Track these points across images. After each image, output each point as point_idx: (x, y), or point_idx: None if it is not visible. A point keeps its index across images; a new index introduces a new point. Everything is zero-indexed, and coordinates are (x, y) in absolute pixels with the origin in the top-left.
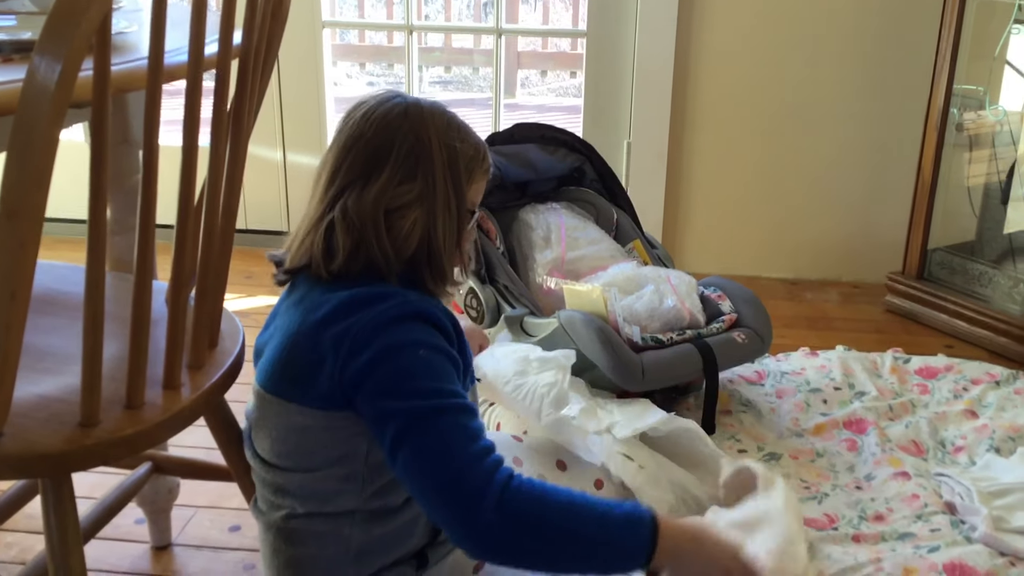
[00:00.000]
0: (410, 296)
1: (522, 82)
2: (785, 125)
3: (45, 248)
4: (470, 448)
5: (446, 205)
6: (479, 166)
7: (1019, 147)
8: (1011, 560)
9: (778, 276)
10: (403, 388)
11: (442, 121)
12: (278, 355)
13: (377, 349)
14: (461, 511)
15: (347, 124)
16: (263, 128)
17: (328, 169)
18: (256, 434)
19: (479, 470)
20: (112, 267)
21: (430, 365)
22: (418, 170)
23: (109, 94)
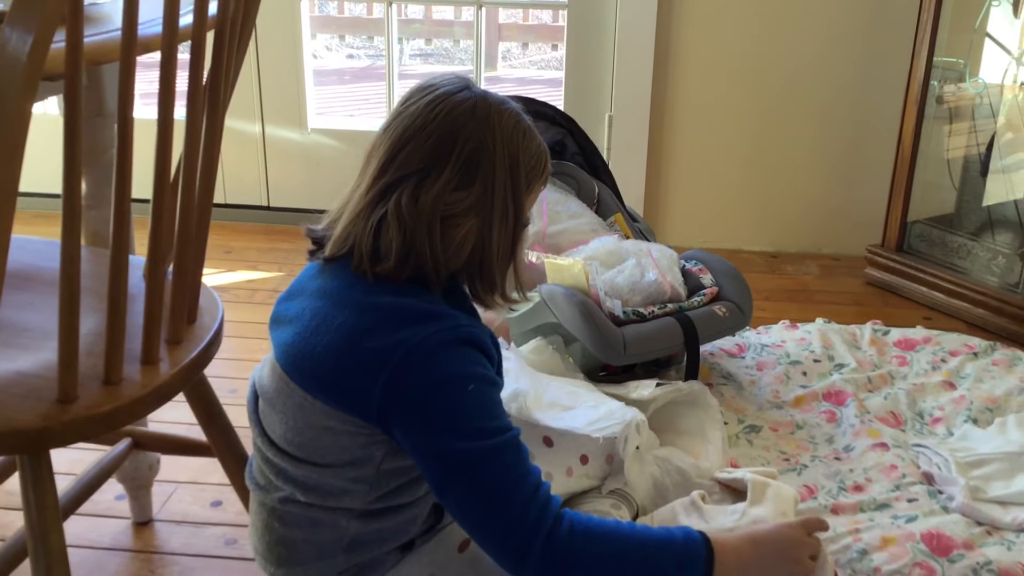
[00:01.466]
0: (461, 320)
1: (503, 55)
2: (766, 98)
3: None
4: (521, 491)
5: (503, 215)
6: (540, 174)
7: (999, 120)
8: (988, 529)
9: (759, 249)
10: (454, 427)
11: (509, 123)
12: (308, 348)
13: (427, 380)
14: (511, 553)
15: (408, 109)
16: (241, 101)
17: (381, 155)
18: (268, 412)
19: (530, 515)
20: (89, 242)
21: (481, 402)
22: (478, 176)
23: (82, 66)
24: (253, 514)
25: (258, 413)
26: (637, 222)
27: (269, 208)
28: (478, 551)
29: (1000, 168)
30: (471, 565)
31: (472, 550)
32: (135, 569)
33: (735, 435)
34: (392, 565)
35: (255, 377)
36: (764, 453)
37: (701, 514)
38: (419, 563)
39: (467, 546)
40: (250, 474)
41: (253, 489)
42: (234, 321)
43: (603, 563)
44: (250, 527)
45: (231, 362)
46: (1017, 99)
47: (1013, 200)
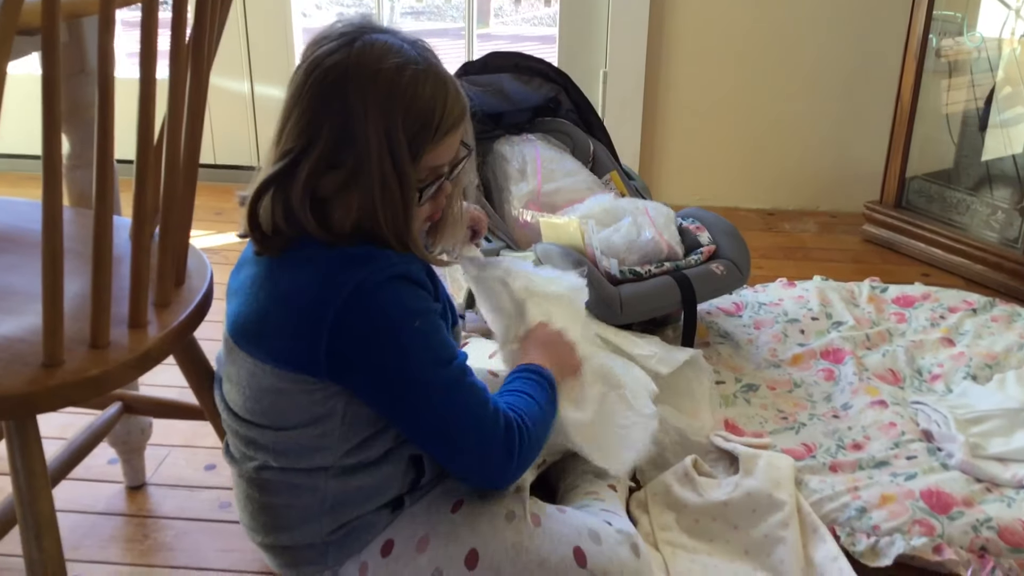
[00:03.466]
0: (392, 258)
1: (495, 11)
2: (763, 54)
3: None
4: (481, 414)
5: (383, 187)
6: (436, 128)
7: (997, 74)
8: (987, 486)
9: (756, 207)
10: (408, 365)
11: (384, 86)
12: (251, 314)
13: (370, 325)
14: (488, 473)
15: (297, 73)
16: (229, 60)
17: (277, 124)
18: (227, 385)
19: (493, 438)
20: (74, 202)
21: (426, 335)
22: (350, 152)
23: (59, 19)
24: (236, 488)
25: (221, 388)
26: (633, 180)
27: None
28: (471, 511)
29: (999, 123)
30: (464, 524)
31: (465, 510)
32: (129, 533)
33: (732, 394)
34: (384, 526)
35: (217, 356)
36: (762, 412)
37: (694, 486)
38: (413, 523)
39: (459, 507)
40: (226, 450)
41: (230, 463)
42: (224, 283)
43: (536, 430)
44: (235, 502)
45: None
46: (1015, 53)
47: (1012, 155)
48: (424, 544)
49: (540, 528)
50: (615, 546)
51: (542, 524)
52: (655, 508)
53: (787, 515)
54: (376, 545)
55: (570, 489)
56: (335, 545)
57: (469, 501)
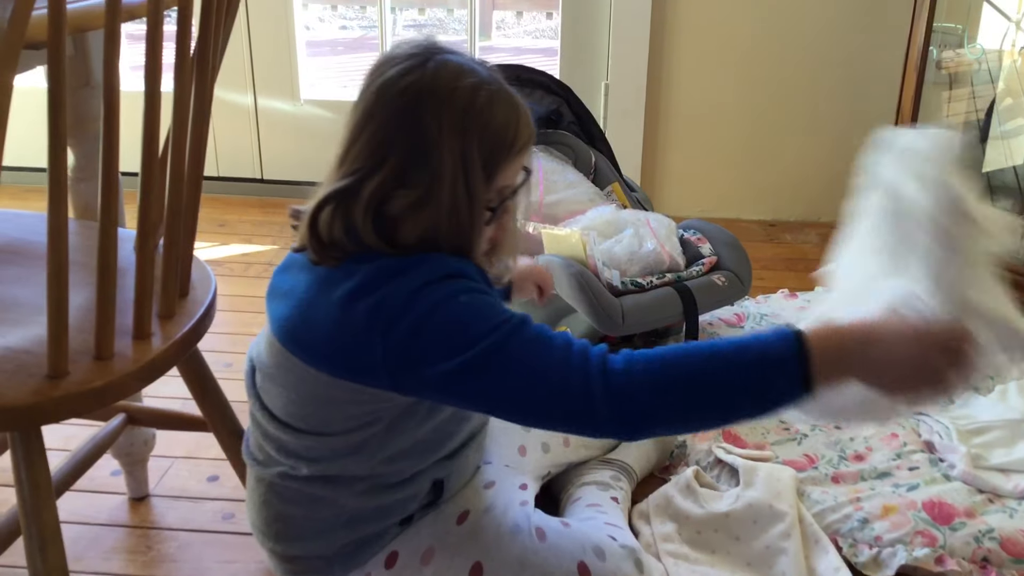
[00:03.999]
0: (445, 259)
1: (498, 24)
2: (764, 65)
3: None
4: (555, 351)
5: (454, 205)
6: (510, 149)
7: (998, 85)
8: (989, 497)
9: (757, 218)
10: (462, 341)
11: (460, 105)
12: (305, 321)
13: (418, 315)
14: (578, 414)
15: (363, 94)
16: (233, 73)
17: (342, 145)
18: (267, 386)
19: (574, 365)
20: (79, 215)
21: (478, 306)
22: (423, 171)
23: (66, 34)
24: (250, 489)
25: (256, 388)
26: (635, 191)
27: (263, 181)
28: (477, 524)
29: (999, 134)
30: (470, 537)
31: (470, 523)
32: (132, 544)
33: None
34: (392, 538)
35: (252, 351)
36: (763, 423)
37: (696, 498)
38: (418, 535)
39: (465, 519)
40: (247, 449)
41: (251, 464)
42: (228, 295)
43: (676, 385)
44: (247, 502)
45: (226, 336)
46: (1016, 64)
47: (1012, 166)
48: (429, 556)
49: (545, 543)
50: (619, 562)
51: (547, 539)
52: (657, 519)
53: (788, 526)
54: (381, 557)
55: (572, 501)
56: (342, 557)
57: (474, 513)
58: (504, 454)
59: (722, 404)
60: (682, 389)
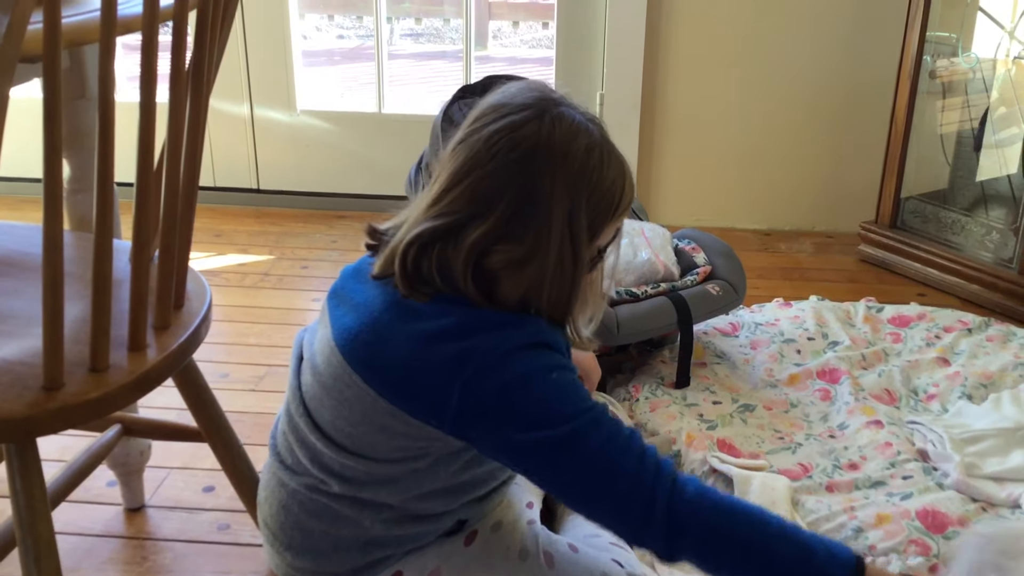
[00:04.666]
0: (541, 325)
1: (494, 33)
2: (758, 75)
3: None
4: (629, 455)
5: (559, 265)
6: (612, 213)
7: (992, 94)
8: (983, 505)
9: (752, 227)
10: (545, 416)
11: (576, 161)
12: (378, 345)
13: (508, 380)
14: (636, 521)
15: (472, 136)
16: (229, 84)
17: (440, 184)
18: (319, 394)
19: (646, 475)
20: (75, 226)
21: (566, 387)
22: (531, 226)
23: (61, 47)
24: (270, 490)
25: (301, 389)
26: None
27: (259, 191)
28: (485, 546)
29: (993, 143)
30: (478, 558)
31: (478, 544)
32: (127, 555)
33: (729, 414)
34: (398, 559)
35: (303, 340)
36: (758, 432)
37: None
38: (424, 556)
39: (473, 540)
40: (274, 446)
41: (277, 465)
42: (224, 305)
43: (732, 544)
44: (263, 501)
45: (221, 347)
46: (1010, 73)
47: (1007, 175)
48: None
49: (554, 570)
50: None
51: (555, 565)
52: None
53: None
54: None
55: (570, 514)
56: (348, 574)
57: (482, 533)
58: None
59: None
60: (736, 551)
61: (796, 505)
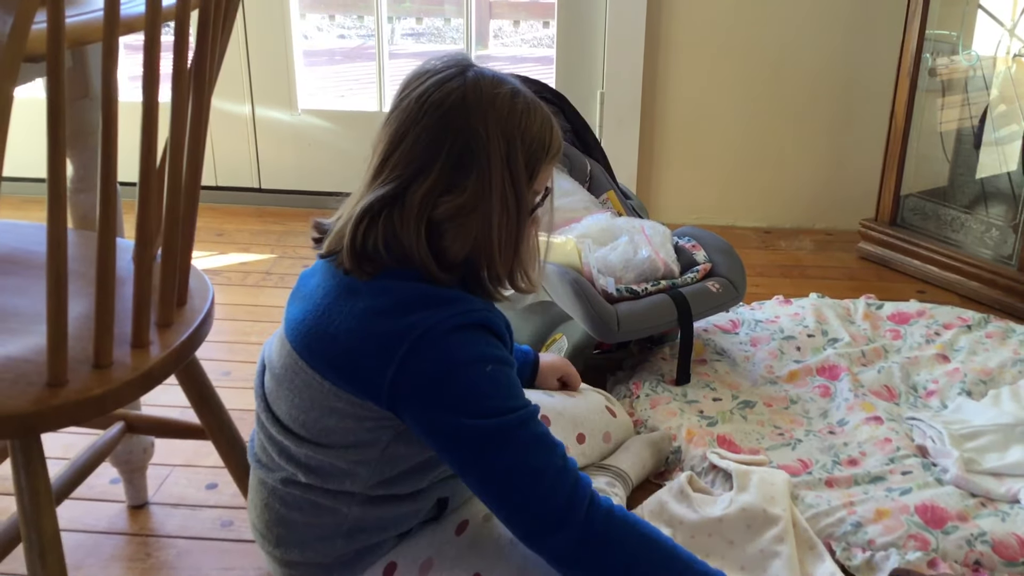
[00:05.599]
0: (475, 304)
1: (495, 32)
2: (759, 73)
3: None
4: (553, 461)
5: (504, 208)
6: (546, 154)
7: (992, 92)
8: (982, 501)
9: (752, 225)
10: (476, 407)
11: (504, 108)
12: (320, 328)
13: (442, 363)
14: (546, 525)
15: (402, 103)
16: (231, 83)
17: (379, 155)
18: (274, 388)
19: (565, 485)
20: (78, 225)
21: (500, 382)
22: (472, 173)
23: (64, 47)
24: (253, 491)
25: (264, 388)
26: (630, 199)
27: (260, 190)
28: (476, 534)
29: (993, 140)
30: (469, 547)
31: (470, 533)
32: (131, 552)
33: (729, 411)
34: (389, 549)
35: (264, 351)
36: (758, 428)
37: (690, 503)
38: (416, 546)
39: (464, 528)
40: (252, 450)
41: (254, 466)
42: (226, 304)
43: (636, 557)
44: (249, 504)
45: (224, 345)
46: (1010, 71)
47: (1006, 172)
48: (428, 567)
49: None
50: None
51: None
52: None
53: (782, 530)
54: (379, 568)
55: None
56: (340, 566)
57: (474, 523)
58: None
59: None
60: (642, 556)
61: (795, 500)
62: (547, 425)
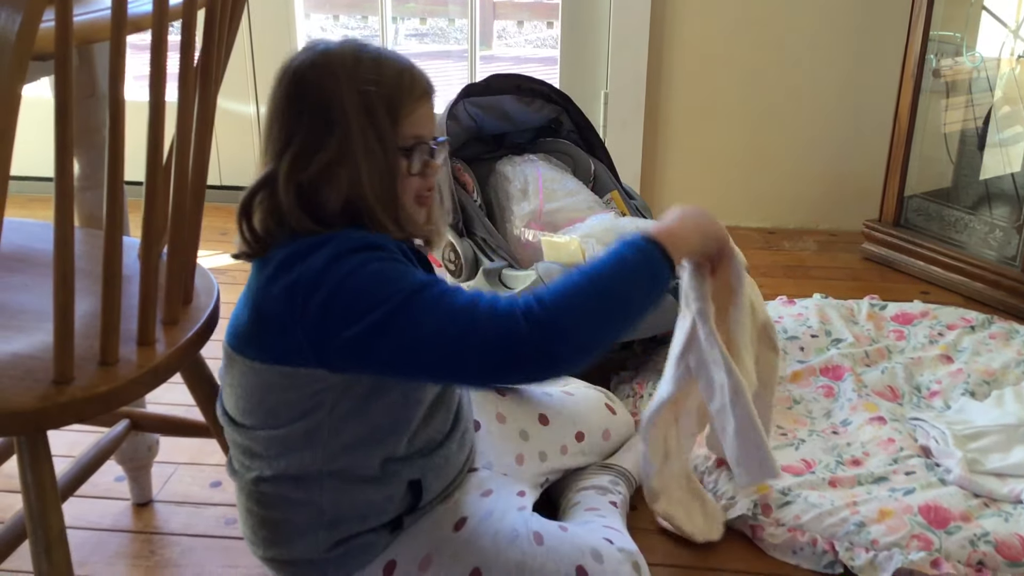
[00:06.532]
0: (352, 234)
1: (499, 33)
2: (762, 74)
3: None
4: (469, 298)
5: (368, 153)
6: (408, 94)
7: (996, 93)
8: (985, 501)
9: (756, 225)
10: (366, 304)
11: (349, 62)
12: (238, 314)
13: (329, 285)
14: (505, 354)
15: (271, 92)
16: (236, 83)
17: (262, 141)
18: (225, 392)
19: (494, 312)
20: (84, 223)
21: (384, 273)
22: (333, 130)
23: (72, 46)
24: (237, 502)
25: (221, 398)
26: (633, 199)
27: None
28: (474, 530)
29: (997, 141)
30: (468, 544)
31: (468, 529)
32: (135, 549)
33: None
34: (385, 546)
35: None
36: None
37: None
38: (415, 543)
39: (462, 525)
40: (229, 464)
41: (232, 477)
42: (231, 302)
43: (586, 309)
44: (238, 515)
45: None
46: (1014, 72)
47: (1010, 173)
48: (427, 563)
49: (543, 547)
50: (617, 565)
51: (545, 543)
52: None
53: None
54: (378, 565)
55: (571, 505)
56: (334, 563)
57: (472, 520)
58: (502, 463)
59: (623, 301)
60: (592, 302)
61: (799, 500)
62: (546, 424)
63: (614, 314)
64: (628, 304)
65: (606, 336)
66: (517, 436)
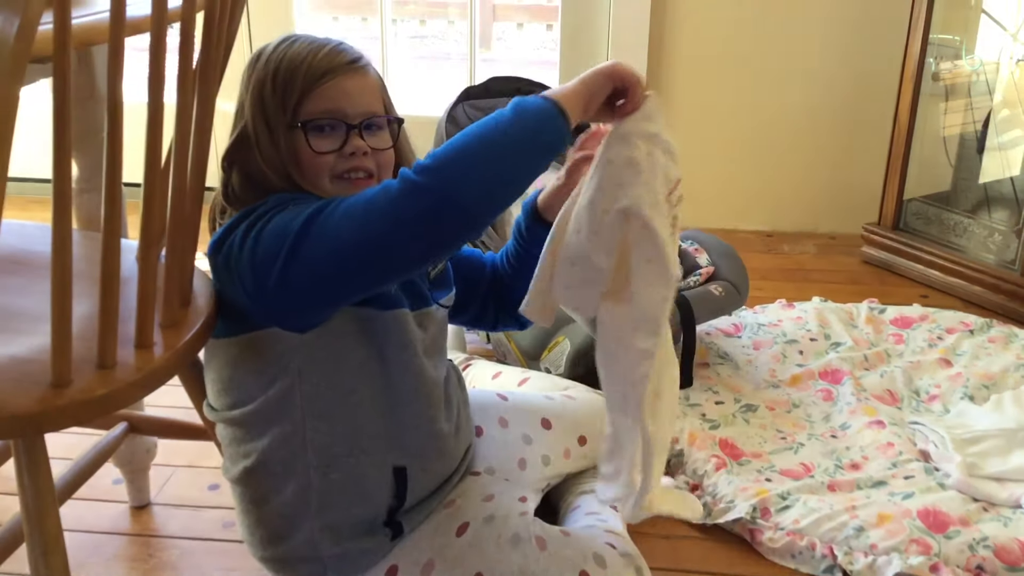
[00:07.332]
0: (290, 194)
1: (498, 36)
2: (762, 77)
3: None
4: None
5: (255, 135)
6: (306, 75)
7: (995, 97)
8: (984, 505)
9: (755, 229)
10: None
11: (265, 53)
12: None
13: (250, 242)
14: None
15: None
16: (235, 85)
17: None
18: (207, 386)
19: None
20: (83, 226)
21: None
22: (239, 116)
23: (71, 48)
24: (235, 507)
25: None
26: None
27: None
28: (477, 535)
29: (996, 145)
30: (470, 548)
31: (470, 534)
32: (134, 552)
33: (732, 414)
34: (385, 553)
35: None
36: (761, 432)
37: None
38: (417, 548)
39: (465, 530)
40: (224, 465)
41: (226, 477)
42: None
43: (472, 152)
44: (237, 520)
45: None
46: (1013, 76)
47: (1009, 177)
48: (429, 569)
49: (546, 552)
50: (620, 569)
51: (547, 548)
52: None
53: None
54: (379, 570)
55: (571, 509)
56: (333, 567)
57: (474, 524)
58: (504, 468)
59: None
60: (475, 145)
61: (798, 504)
62: (549, 428)
63: (504, 156)
64: (519, 144)
65: (503, 178)
66: (520, 440)
